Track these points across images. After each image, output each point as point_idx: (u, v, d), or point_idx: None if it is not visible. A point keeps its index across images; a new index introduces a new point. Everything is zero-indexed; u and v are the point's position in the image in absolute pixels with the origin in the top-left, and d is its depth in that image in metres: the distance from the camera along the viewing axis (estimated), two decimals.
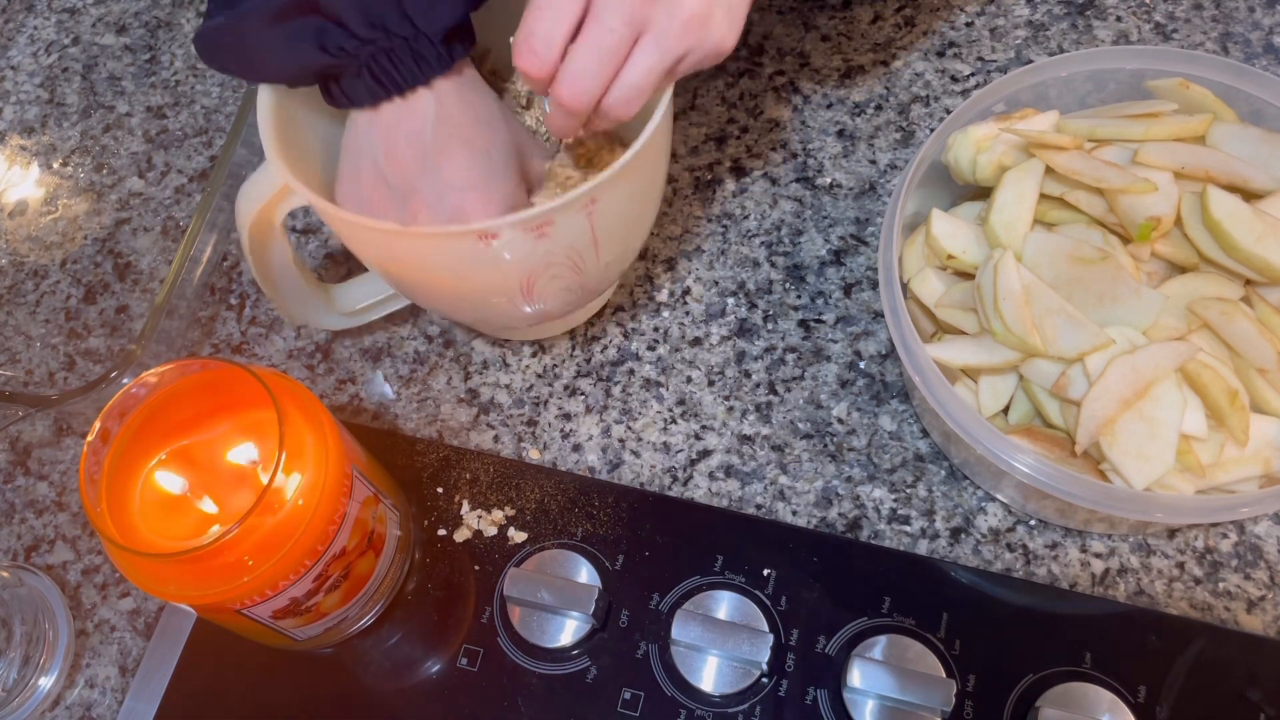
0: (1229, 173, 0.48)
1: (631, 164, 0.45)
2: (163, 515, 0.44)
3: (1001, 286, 0.47)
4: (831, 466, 0.55)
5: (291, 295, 0.54)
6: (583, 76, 0.43)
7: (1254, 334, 0.46)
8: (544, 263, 0.47)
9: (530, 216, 0.44)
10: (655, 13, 0.43)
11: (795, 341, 0.59)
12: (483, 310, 0.51)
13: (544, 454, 0.57)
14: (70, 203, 0.69)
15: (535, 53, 0.43)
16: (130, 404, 0.44)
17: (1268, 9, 0.67)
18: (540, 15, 0.43)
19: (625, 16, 0.42)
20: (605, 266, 0.51)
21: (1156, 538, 0.53)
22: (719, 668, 0.49)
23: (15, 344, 0.65)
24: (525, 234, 0.45)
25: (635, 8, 0.42)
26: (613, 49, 0.43)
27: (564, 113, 0.45)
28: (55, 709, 0.54)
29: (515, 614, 0.52)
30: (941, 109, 0.65)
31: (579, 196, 0.44)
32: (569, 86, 0.43)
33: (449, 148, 0.47)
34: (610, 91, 0.44)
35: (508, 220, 0.44)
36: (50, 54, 0.76)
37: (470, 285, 0.48)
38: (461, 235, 0.44)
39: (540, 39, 0.43)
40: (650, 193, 0.51)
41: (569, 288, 0.50)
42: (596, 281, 0.52)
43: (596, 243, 0.48)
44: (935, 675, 0.48)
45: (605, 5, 0.42)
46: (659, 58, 0.43)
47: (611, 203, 0.47)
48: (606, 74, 0.43)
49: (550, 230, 0.45)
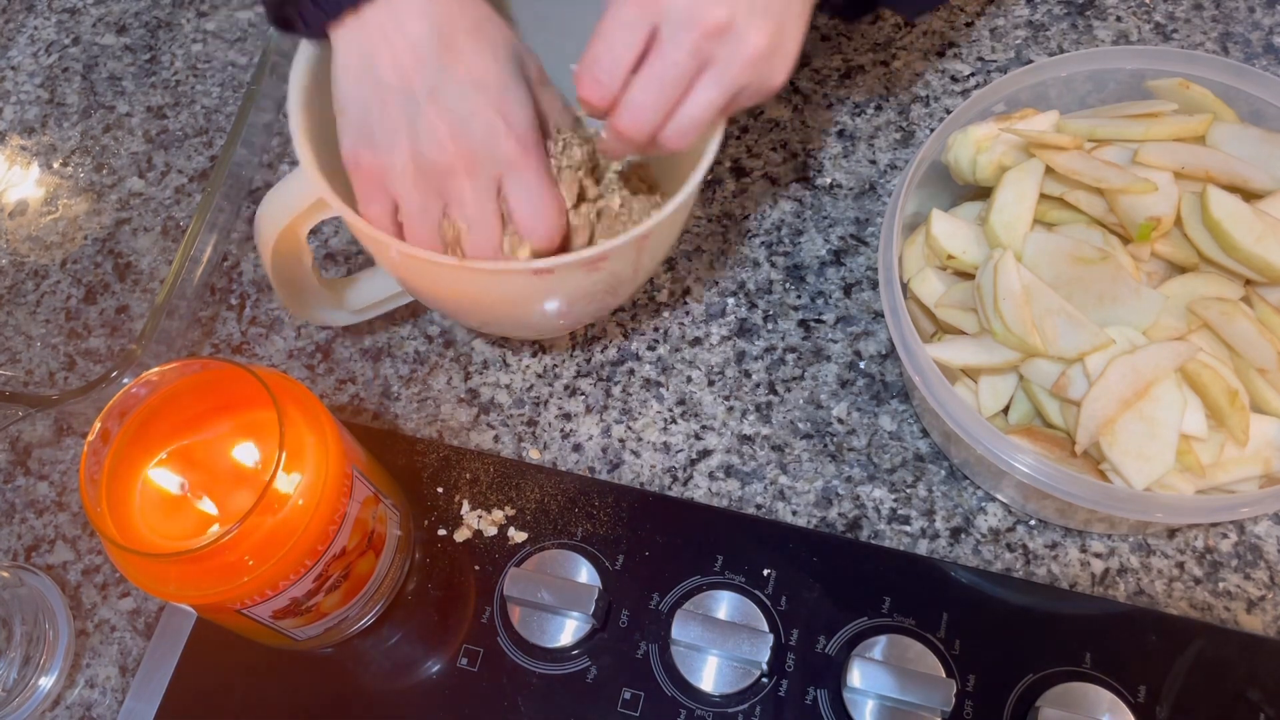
0: (1229, 173, 0.48)
1: (685, 202, 0.46)
2: (163, 515, 0.44)
3: (1001, 286, 0.47)
4: (831, 466, 0.55)
5: (304, 297, 0.54)
6: (644, 108, 0.43)
7: (1254, 334, 0.46)
8: (588, 291, 0.48)
9: (588, 257, 0.45)
10: (720, 48, 0.42)
11: (795, 341, 0.59)
12: (510, 327, 0.53)
13: (544, 454, 0.57)
14: (70, 203, 0.69)
15: (599, 82, 0.43)
16: (130, 404, 0.44)
17: (1268, 9, 0.67)
18: (606, 45, 0.42)
19: (691, 50, 0.42)
20: (639, 286, 0.53)
21: (1156, 538, 0.53)
22: (719, 668, 0.49)
23: (15, 344, 0.65)
24: (579, 269, 0.46)
25: (701, 42, 0.42)
26: (676, 81, 0.43)
27: (620, 140, 0.44)
28: (55, 709, 0.54)
29: (515, 614, 0.52)
30: (941, 109, 0.65)
31: (635, 237, 0.45)
32: (630, 117, 0.43)
33: (455, 43, 0.44)
34: (669, 123, 0.44)
35: (565, 260, 0.44)
36: (50, 54, 0.76)
37: (511, 308, 0.49)
38: (518, 272, 0.45)
39: (605, 69, 0.43)
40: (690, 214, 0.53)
41: (602, 305, 0.52)
42: (627, 298, 0.53)
43: (638, 270, 0.50)
44: (935, 675, 0.48)
45: (672, 38, 0.42)
46: (719, 93, 0.43)
47: (660, 236, 0.48)
48: (667, 106, 0.43)
49: (604, 265, 0.46)
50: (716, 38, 0.42)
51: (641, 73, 0.43)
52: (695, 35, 0.42)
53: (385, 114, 0.44)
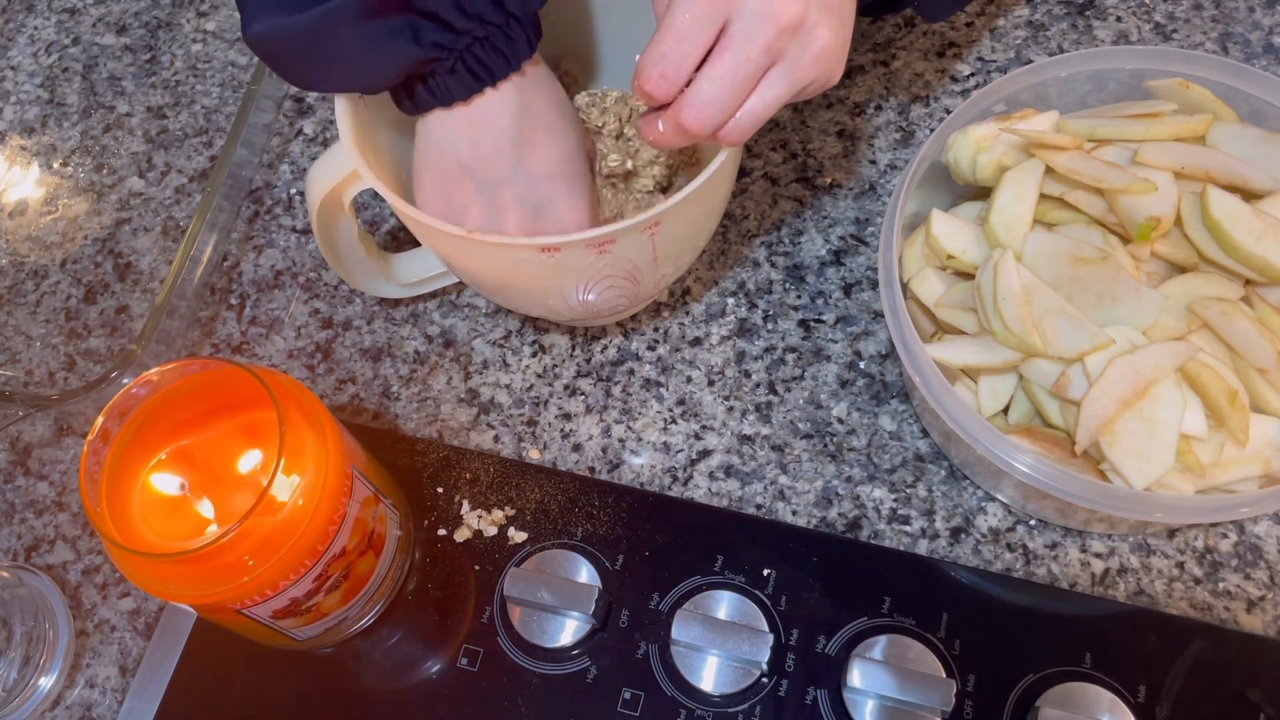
0: (1229, 173, 0.48)
1: (699, 191, 0.46)
2: (163, 515, 0.44)
3: (1001, 286, 0.47)
4: (831, 466, 0.55)
5: (353, 265, 0.56)
6: (712, 104, 0.42)
7: (1254, 334, 0.46)
8: (602, 275, 0.48)
9: (593, 236, 0.45)
10: (790, 44, 0.42)
11: (795, 341, 0.59)
12: (535, 307, 0.53)
13: (544, 454, 0.57)
14: (70, 203, 0.69)
15: (666, 76, 0.42)
16: (130, 404, 0.44)
17: (1268, 9, 0.67)
18: (675, 39, 0.41)
19: (764, 46, 0.41)
20: (662, 277, 0.52)
21: (1156, 538, 0.53)
22: (719, 668, 0.49)
23: (15, 344, 0.65)
24: (587, 250, 0.46)
25: (773, 39, 0.41)
26: (748, 78, 0.42)
27: (680, 134, 0.44)
28: (55, 709, 0.54)
29: (515, 614, 0.52)
30: (941, 109, 0.65)
31: (643, 220, 0.45)
32: (697, 112, 0.42)
33: (532, 138, 0.47)
34: (732, 119, 0.43)
35: (571, 239, 0.45)
36: (50, 54, 0.76)
37: (528, 286, 0.49)
38: (526, 247, 0.45)
39: (673, 63, 0.42)
40: (715, 210, 0.52)
41: (622, 294, 0.51)
42: (651, 289, 0.53)
43: (656, 260, 0.49)
44: (935, 675, 0.48)
45: (745, 33, 0.41)
46: (787, 89, 0.43)
47: (675, 225, 0.47)
48: (737, 103, 0.42)
49: (611, 248, 0.46)
50: (790, 35, 0.41)
51: (711, 68, 0.42)
52: (770, 33, 0.41)
53: (460, 190, 0.48)
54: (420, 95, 0.46)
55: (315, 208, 0.50)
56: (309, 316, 0.63)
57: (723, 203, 0.53)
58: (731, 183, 0.53)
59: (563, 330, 0.61)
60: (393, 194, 0.47)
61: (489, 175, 0.47)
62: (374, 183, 0.48)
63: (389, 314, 0.62)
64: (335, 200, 0.51)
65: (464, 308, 0.62)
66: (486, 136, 0.47)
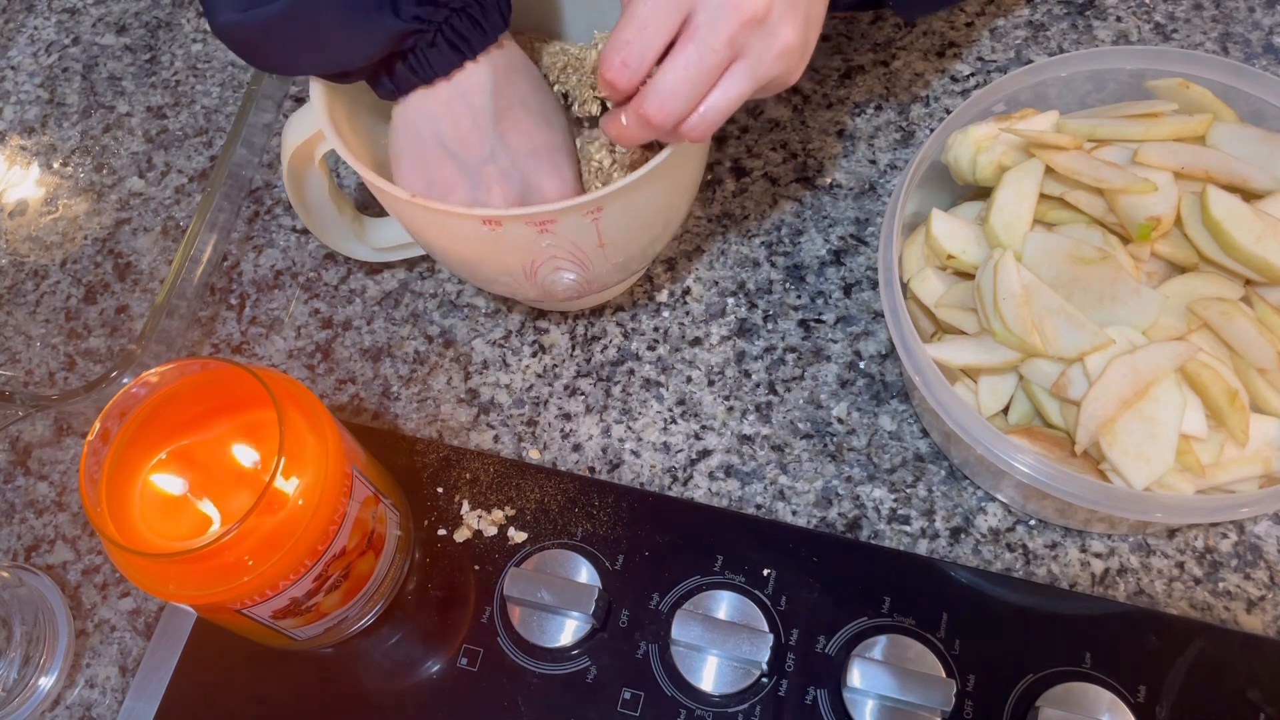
0: (1229, 173, 0.48)
1: (644, 178, 0.46)
2: (163, 515, 0.44)
3: (1001, 286, 0.47)
4: (831, 466, 0.55)
5: (325, 222, 0.57)
6: (675, 96, 0.42)
7: (1254, 334, 0.46)
8: (546, 254, 0.48)
9: (532, 213, 0.45)
10: (754, 39, 0.42)
11: (795, 341, 0.59)
12: (490, 282, 0.53)
13: (544, 454, 0.57)
14: (70, 203, 0.69)
15: (628, 65, 0.42)
16: (130, 404, 0.44)
17: (1268, 9, 0.67)
18: (637, 28, 0.41)
19: (727, 38, 0.41)
20: (615, 266, 0.52)
21: (1156, 538, 0.53)
22: (719, 668, 0.49)
23: (15, 344, 0.65)
24: (528, 227, 0.46)
25: (737, 31, 0.41)
26: (711, 70, 0.42)
27: (642, 127, 0.44)
28: (55, 709, 0.54)
29: (515, 614, 0.52)
30: (941, 109, 0.65)
31: (582, 203, 0.45)
32: (658, 103, 0.42)
33: (511, 114, 0.48)
34: (694, 113, 0.43)
35: (511, 213, 0.45)
36: (50, 54, 0.76)
37: (474, 258, 0.50)
38: (467, 217, 0.45)
39: (635, 52, 0.42)
40: (672, 203, 0.52)
41: (575, 279, 0.51)
42: (606, 276, 0.52)
43: (603, 244, 0.49)
44: (935, 675, 0.48)
45: (708, 25, 0.41)
46: (749, 85, 0.43)
47: (620, 211, 0.47)
48: (699, 95, 0.42)
49: (553, 228, 0.46)
50: (753, 28, 0.41)
51: (674, 58, 0.42)
52: (734, 24, 0.41)
53: (442, 172, 0.48)
54: (401, 74, 0.46)
55: (287, 159, 0.52)
56: (309, 316, 0.63)
57: (682, 195, 0.52)
58: (692, 177, 0.52)
59: (563, 330, 0.61)
60: (354, 157, 0.48)
61: (471, 154, 0.47)
62: (336, 143, 0.48)
63: (389, 314, 0.62)
64: (306, 154, 0.52)
65: (464, 308, 0.62)
66: (465, 115, 0.47)
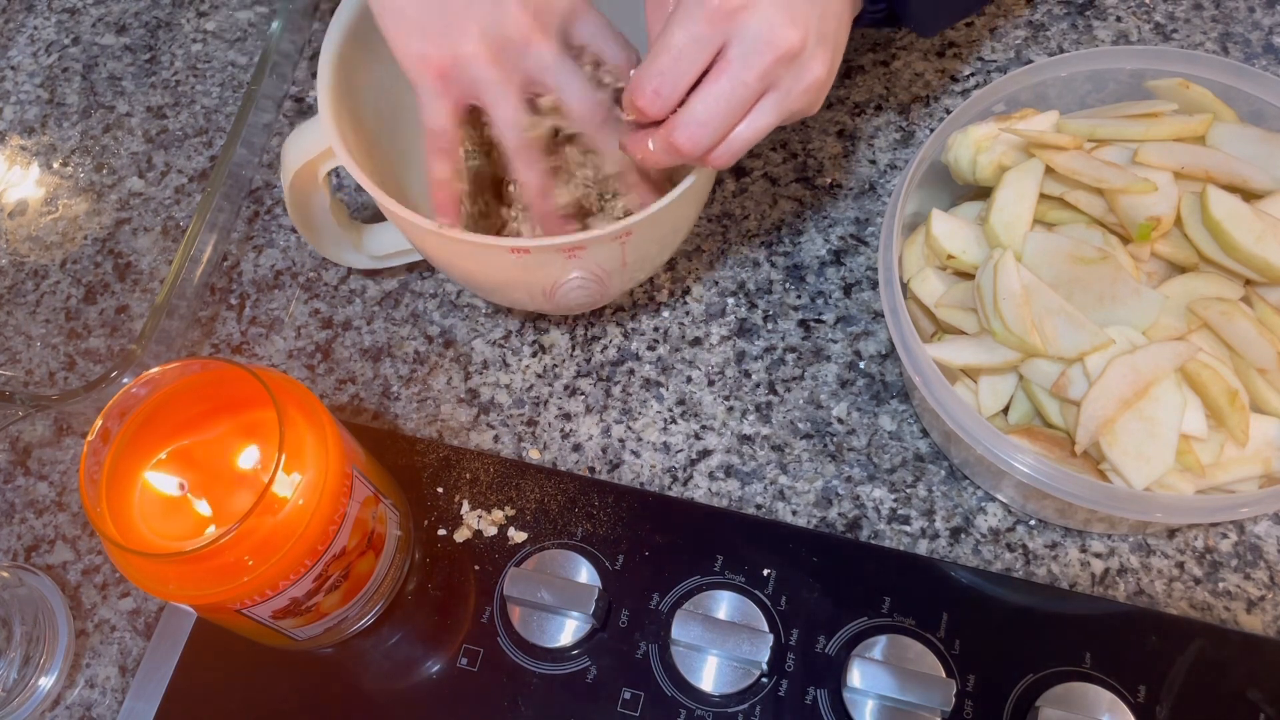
0: (1229, 173, 0.48)
1: (676, 203, 0.46)
2: (163, 515, 0.44)
3: (1001, 286, 0.47)
4: (831, 466, 0.55)
5: (325, 235, 0.57)
6: (705, 127, 0.42)
7: (1254, 334, 0.46)
8: (570, 276, 0.49)
9: (564, 242, 0.45)
10: (785, 74, 0.42)
11: (795, 341, 0.59)
12: (506, 300, 0.53)
13: (544, 454, 0.57)
14: (70, 203, 0.69)
15: (660, 94, 0.42)
16: (130, 404, 0.44)
17: (1268, 9, 0.67)
18: (673, 59, 0.42)
19: (760, 73, 0.41)
20: (630, 279, 0.53)
21: (1156, 538, 0.53)
22: (719, 668, 0.49)
23: (15, 344, 0.65)
24: (556, 254, 0.46)
25: (770, 67, 0.41)
26: (742, 103, 0.42)
27: (669, 153, 0.44)
28: (55, 709, 0.54)
29: (515, 614, 0.52)
30: (941, 109, 0.65)
31: (616, 230, 0.45)
32: (688, 134, 0.42)
33: None
34: (723, 143, 0.43)
35: (542, 243, 0.45)
36: (50, 54, 0.76)
37: (499, 284, 0.50)
38: (496, 248, 0.45)
39: (669, 81, 0.42)
40: (689, 217, 0.53)
41: (591, 294, 0.52)
42: (620, 288, 0.53)
43: (626, 265, 0.50)
44: (935, 675, 0.48)
45: (742, 59, 0.41)
46: (776, 117, 0.43)
47: (646, 234, 0.48)
48: (729, 127, 0.43)
49: (582, 254, 0.47)
50: (786, 64, 0.42)
51: (706, 89, 0.42)
52: (768, 60, 0.41)
53: (448, 5, 0.44)
54: None
55: (289, 178, 0.51)
56: (309, 316, 0.63)
57: (698, 210, 0.53)
58: (708, 192, 0.53)
59: (563, 330, 0.61)
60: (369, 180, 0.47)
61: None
62: (348, 163, 0.48)
63: (389, 314, 0.62)
64: (310, 173, 0.51)
65: (464, 308, 0.62)
66: None
